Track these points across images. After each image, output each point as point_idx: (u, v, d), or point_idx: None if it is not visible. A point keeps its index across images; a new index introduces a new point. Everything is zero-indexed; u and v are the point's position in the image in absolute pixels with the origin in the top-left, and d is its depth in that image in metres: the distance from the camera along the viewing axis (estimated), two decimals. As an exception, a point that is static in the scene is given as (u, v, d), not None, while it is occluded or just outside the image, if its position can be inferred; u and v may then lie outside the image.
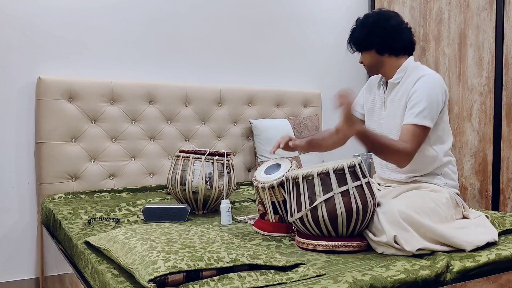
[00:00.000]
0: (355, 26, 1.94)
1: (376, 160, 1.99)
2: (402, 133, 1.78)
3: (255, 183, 1.81)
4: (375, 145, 1.72)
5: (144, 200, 2.38)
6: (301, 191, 1.57)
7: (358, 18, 1.94)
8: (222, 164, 2.18)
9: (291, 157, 1.94)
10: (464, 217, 1.81)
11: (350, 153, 3.27)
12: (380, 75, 2.03)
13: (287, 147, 2.03)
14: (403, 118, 1.80)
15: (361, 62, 1.97)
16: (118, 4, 2.81)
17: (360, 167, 1.59)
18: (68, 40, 2.68)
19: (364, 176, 1.59)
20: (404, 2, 3.38)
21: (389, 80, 1.89)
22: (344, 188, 1.53)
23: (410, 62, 1.88)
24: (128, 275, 1.32)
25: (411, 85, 1.81)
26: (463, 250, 1.54)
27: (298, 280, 1.27)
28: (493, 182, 2.87)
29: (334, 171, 1.54)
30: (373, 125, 1.96)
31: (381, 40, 1.87)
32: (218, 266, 1.24)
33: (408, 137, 1.75)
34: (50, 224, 2.28)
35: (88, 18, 2.73)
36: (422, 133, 1.76)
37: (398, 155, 1.72)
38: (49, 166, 2.55)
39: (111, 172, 2.72)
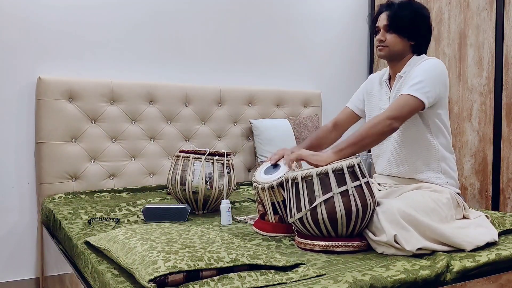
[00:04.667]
0: (393, 2, 1.85)
1: (377, 157, 1.99)
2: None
3: (254, 184, 1.81)
4: (353, 147, 1.70)
5: (144, 200, 2.38)
6: (301, 192, 1.57)
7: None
8: (222, 164, 2.18)
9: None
10: (464, 217, 1.81)
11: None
12: (380, 73, 2.02)
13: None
14: None
15: (382, 40, 1.85)
16: (118, 4, 2.81)
17: (359, 167, 1.59)
18: (68, 40, 2.68)
19: (364, 176, 1.59)
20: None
21: (398, 74, 1.88)
22: (343, 188, 1.53)
23: (415, 56, 1.89)
24: (128, 275, 1.32)
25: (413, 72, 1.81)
26: (463, 250, 1.54)
27: (298, 280, 1.27)
28: (493, 182, 2.87)
29: (333, 171, 1.54)
30: None
31: (422, 35, 1.85)
32: (218, 266, 1.24)
33: (389, 106, 1.75)
34: (50, 224, 2.28)
35: (89, 18, 2.73)
36: (408, 102, 1.71)
37: (378, 127, 1.70)
38: (49, 166, 2.55)
39: (111, 172, 2.72)
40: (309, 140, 2.08)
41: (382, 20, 1.86)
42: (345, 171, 1.54)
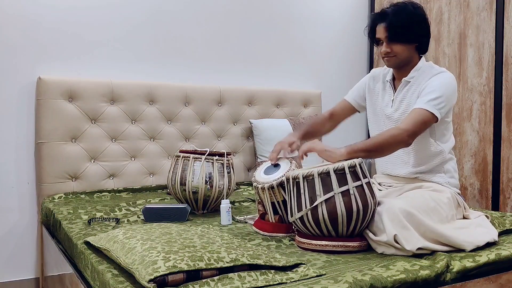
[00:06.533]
0: (386, 10, 1.82)
1: (379, 159, 1.98)
2: (406, 117, 1.77)
3: (254, 184, 1.81)
4: (367, 153, 1.70)
5: (144, 200, 2.38)
6: (302, 191, 1.57)
7: (389, 6, 1.82)
8: (222, 164, 2.18)
9: (291, 157, 1.94)
10: (464, 217, 1.81)
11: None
12: (383, 70, 2.01)
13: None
14: None
15: (387, 53, 1.82)
16: (118, 4, 2.81)
17: (361, 167, 1.59)
18: (68, 40, 2.68)
19: (365, 176, 1.59)
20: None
21: (404, 78, 1.87)
22: (344, 188, 1.53)
23: (423, 61, 1.88)
24: (128, 275, 1.32)
25: (424, 82, 1.80)
26: (463, 250, 1.54)
27: (298, 280, 1.27)
28: (493, 182, 2.87)
29: (335, 171, 1.54)
30: (379, 121, 1.95)
31: (424, 35, 1.84)
32: (218, 266, 1.24)
33: (408, 119, 1.73)
34: (50, 224, 2.28)
35: (89, 18, 2.73)
36: (426, 119, 1.72)
37: (396, 140, 1.70)
38: (49, 166, 2.55)
39: (111, 172, 2.72)
40: (305, 128, 2.08)
41: (381, 32, 1.83)
42: (347, 171, 1.54)
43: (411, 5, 1.83)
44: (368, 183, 1.59)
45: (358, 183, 1.55)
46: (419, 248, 1.49)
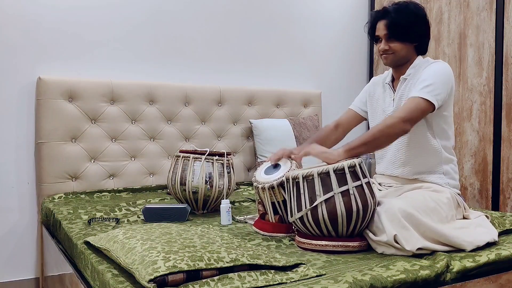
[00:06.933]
0: (387, 7, 1.83)
1: (379, 158, 1.99)
2: (400, 106, 1.77)
3: (255, 184, 1.81)
4: (364, 147, 1.70)
5: (144, 200, 2.38)
6: (301, 191, 1.57)
7: (391, 5, 1.83)
8: (222, 164, 2.18)
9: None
10: (464, 218, 1.81)
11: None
12: (382, 76, 2.02)
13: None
14: None
15: (385, 50, 1.84)
16: (118, 4, 2.81)
17: (360, 167, 1.59)
18: (68, 40, 2.68)
19: (364, 176, 1.59)
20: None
21: (402, 76, 1.87)
22: (344, 188, 1.53)
23: (420, 58, 1.89)
24: (128, 275, 1.32)
25: (420, 75, 1.81)
26: (463, 250, 1.54)
27: (298, 280, 1.27)
28: (493, 182, 2.87)
29: (335, 171, 1.54)
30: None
31: (424, 35, 1.85)
32: (218, 266, 1.24)
33: (401, 108, 1.74)
34: (50, 224, 2.28)
35: (89, 18, 2.73)
36: (420, 106, 1.71)
37: (390, 127, 1.69)
38: (49, 166, 2.55)
39: (111, 172, 2.72)
40: (311, 140, 2.07)
41: (381, 29, 1.84)
42: (346, 171, 1.54)
43: (413, 5, 1.84)
44: (368, 183, 1.59)
45: (358, 183, 1.55)
46: (419, 248, 1.49)
